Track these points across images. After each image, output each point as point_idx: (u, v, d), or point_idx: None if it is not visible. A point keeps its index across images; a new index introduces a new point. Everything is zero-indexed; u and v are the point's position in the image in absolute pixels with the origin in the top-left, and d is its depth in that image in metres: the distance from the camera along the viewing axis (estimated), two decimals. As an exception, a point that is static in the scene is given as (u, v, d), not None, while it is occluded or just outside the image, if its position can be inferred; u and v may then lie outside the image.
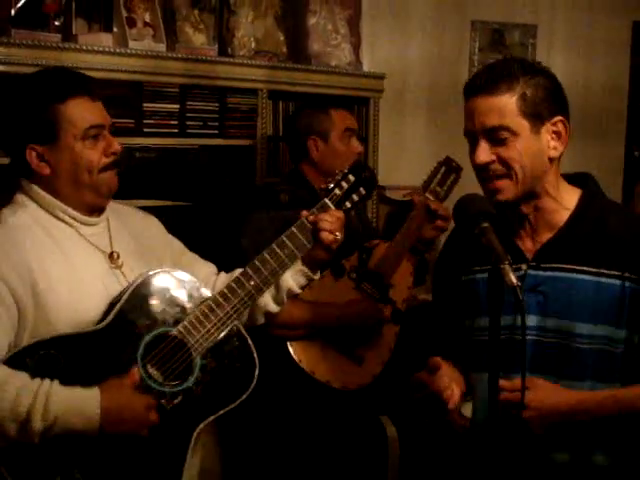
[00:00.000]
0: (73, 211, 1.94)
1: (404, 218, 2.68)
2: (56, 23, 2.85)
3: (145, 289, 1.91)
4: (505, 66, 1.74)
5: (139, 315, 1.89)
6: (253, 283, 2.01)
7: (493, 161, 1.72)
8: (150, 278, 1.93)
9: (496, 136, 1.70)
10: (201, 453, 2.07)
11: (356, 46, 3.82)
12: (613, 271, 1.72)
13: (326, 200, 2.10)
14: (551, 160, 1.75)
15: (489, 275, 1.58)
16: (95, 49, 2.89)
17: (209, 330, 1.94)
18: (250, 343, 1.99)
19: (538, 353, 1.74)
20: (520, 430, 1.69)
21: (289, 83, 3.50)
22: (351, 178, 2.12)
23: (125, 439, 1.83)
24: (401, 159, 4.09)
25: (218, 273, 2.20)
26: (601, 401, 1.72)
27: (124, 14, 3.05)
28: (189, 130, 3.24)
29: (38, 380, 1.75)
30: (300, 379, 2.55)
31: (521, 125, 1.70)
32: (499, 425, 1.62)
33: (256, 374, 1.97)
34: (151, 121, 3.11)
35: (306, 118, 2.85)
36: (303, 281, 2.16)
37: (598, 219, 1.77)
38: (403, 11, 4.10)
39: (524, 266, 1.78)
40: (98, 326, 1.86)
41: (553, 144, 1.74)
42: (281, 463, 2.66)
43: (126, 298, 1.89)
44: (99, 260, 1.96)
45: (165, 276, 1.95)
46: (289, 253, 2.04)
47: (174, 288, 1.95)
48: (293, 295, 2.19)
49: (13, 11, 2.75)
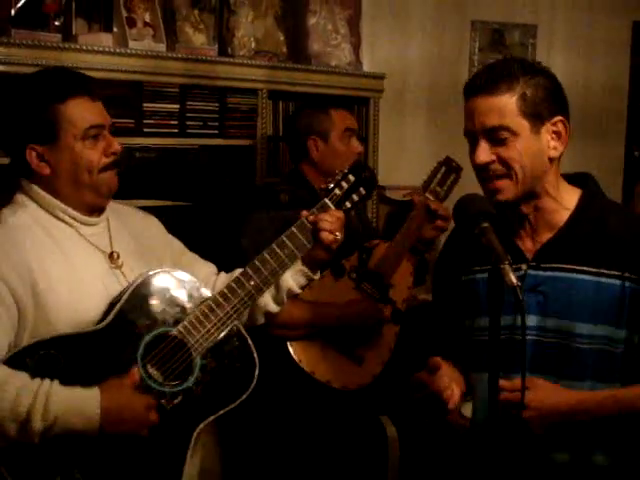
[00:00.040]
0: (73, 211, 1.94)
1: (404, 218, 2.68)
2: (56, 23, 2.85)
3: (145, 289, 1.91)
4: (505, 66, 1.74)
5: (139, 315, 1.89)
6: (253, 283, 2.01)
7: (493, 161, 1.72)
8: (150, 278, 1.92)
9: (496, 136, 1.70)
10: (201, 453, 2.07)
11: (356, 46, 3.82)
12: (613, 271, 1.72)
13: (326, 200, 2.10)
14: (551, 160, 1.75)
15: (489, 275, 1.58)
16: (95, 49, 2.89)
17: (209, 330, 1.94)
18: (250, 343, 1.99)
19: (538, 353, 1.74)
20: (520, 430, 1.69)
21: (289, 83, 3.50)
22: (351, 178, 2.12)
23: (125, 439, 1.83)
24: (401, 159, 4.09)
25: (218, 273, 2.20)
26: (601, 401, 1.72)
27: (124, 14, 3.05)
28: (189, 130, 3.24)
29: (38, 380, 1.75)
30: (300, 379, 2.54)
31: (521, 125, 1.70)
32: (499, 425, 1.62)
33: (256, 374, 1.97)
34: (151, 121, 3.11)
35: (306, 118, 2.85)
36: (303, 281, 2.16)
37: (598, 219, 1.77)
38: (403, 11, 4.10)
39: (524, 266, 1.78)
40: (98, 326, 1.86)
41: (553, 144, 1.74)
42: (281, 463, 2.66)
43: (126, 298, 1.89)
44: (99, 260, 1.96)
45: (165, 276, 1.95)
46: (289, 253, 2.04)
47: (174, 288, 1.95)
48: (293, 295, 2.19)
49: (13, 11, 2.75)
